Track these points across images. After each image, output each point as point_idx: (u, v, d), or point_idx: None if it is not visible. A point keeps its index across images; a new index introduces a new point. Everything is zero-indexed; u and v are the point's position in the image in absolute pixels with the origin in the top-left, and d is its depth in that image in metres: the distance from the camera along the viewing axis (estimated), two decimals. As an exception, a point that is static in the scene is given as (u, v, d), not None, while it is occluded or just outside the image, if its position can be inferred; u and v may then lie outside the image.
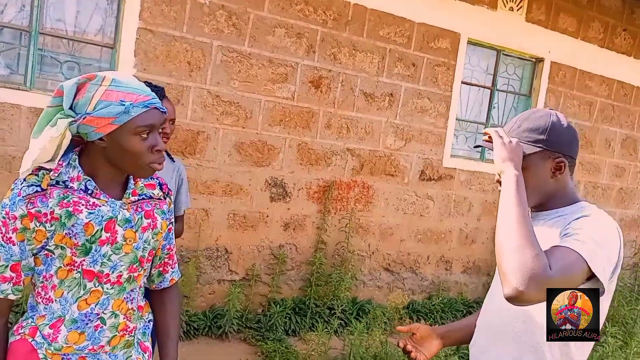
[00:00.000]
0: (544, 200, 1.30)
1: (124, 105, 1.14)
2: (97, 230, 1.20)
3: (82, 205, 1.19)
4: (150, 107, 1.18)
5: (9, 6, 3.23)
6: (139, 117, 1.15)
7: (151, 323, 1.41)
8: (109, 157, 1.20)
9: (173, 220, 1.45)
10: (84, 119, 1.14)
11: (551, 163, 1.26)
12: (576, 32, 5.20)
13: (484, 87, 5.00)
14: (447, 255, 4.90)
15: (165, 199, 1.39)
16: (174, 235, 1.46)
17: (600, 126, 5.54)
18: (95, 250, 1.21)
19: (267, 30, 3.80)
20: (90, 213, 1.20)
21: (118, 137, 1.16)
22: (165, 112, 1.23)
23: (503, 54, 4.95)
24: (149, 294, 1.46)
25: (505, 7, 4.77)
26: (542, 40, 5.00)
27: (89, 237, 1.19)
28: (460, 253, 4.97)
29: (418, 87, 4.50)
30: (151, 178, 1.36)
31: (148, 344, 1.40)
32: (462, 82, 4.75)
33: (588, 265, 1.11)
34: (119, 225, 1.24)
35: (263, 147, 3.92)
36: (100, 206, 1.21)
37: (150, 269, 1.42)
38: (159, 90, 2.23)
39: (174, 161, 2.37)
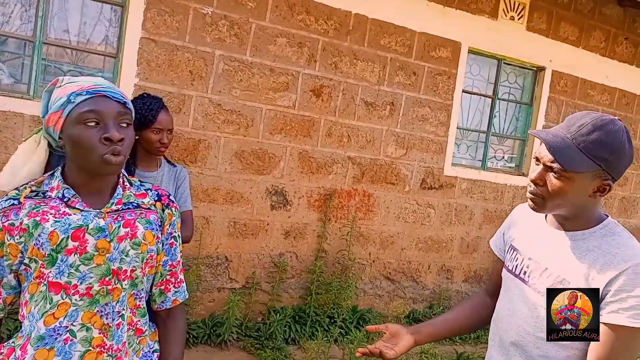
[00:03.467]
0: (572, 214, 1.24)
1: (69, 95, 1.13)
2: (63, 239, 1.13)
3: (51, 214, 1.14)
4: (97, 95, 1.13)
5: (14, 17, 3.28)
6: (82, 103, 1.12)
7: (156, 354, 1.30)
8: (72, 158, 1.16)
9: (176, 234, 1.33)
10: (45, 120, 1.15)
11: (598, 183, 1.18)
12: (577, 41, 5.21)
13: (485, 95, 5.01)
14: (448, 264, 4.89)
15: (154, 209, 1.28)
16: (178, 250, 1.34)
17: (602, 135, 5.53)
18: (62, 261, 1.13)
19: (268, 40, 3.83)
20: (56, 221, 1.13)
21: (69, 130, 1.13)
22: (126, 103, 1.18)
23: (504, 62, 4.96)
24: (154, 317, 1.36)
25: (505, 16, 4.79)
26: (543, 49, 5.01)
27: (54, 246, 1.13)
28: (462, 262, 4.96)
29: (419, 96, 4.51)
30: (144, 187, 1.30)
31: None
32: (463, 91, 4.76)
33: None
34: (89, 234, 1.15)
35: (264, 156, 3.94)
36: (70, 215, 1.15)
37: (151, 287, 1.32)
38: (157, 101, 2.25)
39: (175, 166, 2.40)
